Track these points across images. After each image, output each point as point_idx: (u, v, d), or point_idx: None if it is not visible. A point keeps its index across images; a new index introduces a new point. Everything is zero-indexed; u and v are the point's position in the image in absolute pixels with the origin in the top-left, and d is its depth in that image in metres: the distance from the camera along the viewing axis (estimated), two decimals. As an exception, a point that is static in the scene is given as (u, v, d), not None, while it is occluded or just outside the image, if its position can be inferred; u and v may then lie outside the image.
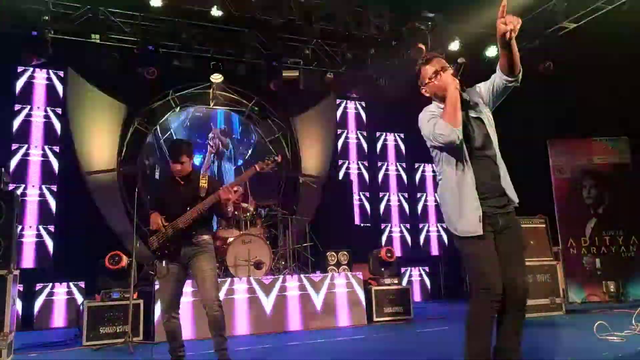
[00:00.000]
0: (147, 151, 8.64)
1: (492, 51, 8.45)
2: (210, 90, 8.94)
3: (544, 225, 6.60)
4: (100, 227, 7.57)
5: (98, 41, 7.76)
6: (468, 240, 2.58)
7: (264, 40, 8.51)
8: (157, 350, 4.32)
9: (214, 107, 9.11)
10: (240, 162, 9.28)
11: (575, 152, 7.95)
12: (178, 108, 8.83)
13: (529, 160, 8.10)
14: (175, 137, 8.90)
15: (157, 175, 8.61)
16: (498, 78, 2.66)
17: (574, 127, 8.01)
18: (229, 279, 5.79)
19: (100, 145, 8.03)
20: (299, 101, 9.43)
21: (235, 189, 3.60)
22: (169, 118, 8.86)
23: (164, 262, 3.56)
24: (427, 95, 2.82)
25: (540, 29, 8.02)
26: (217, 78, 8.52)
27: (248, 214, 7.09)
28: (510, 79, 2.60)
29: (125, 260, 5.62)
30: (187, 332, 4.66)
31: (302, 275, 6.13)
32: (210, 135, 9.17)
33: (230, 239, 6.53)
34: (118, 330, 5.27)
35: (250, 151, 9.37)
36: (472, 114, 2.70)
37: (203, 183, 3.68)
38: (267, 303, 5.79)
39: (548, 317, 5.91)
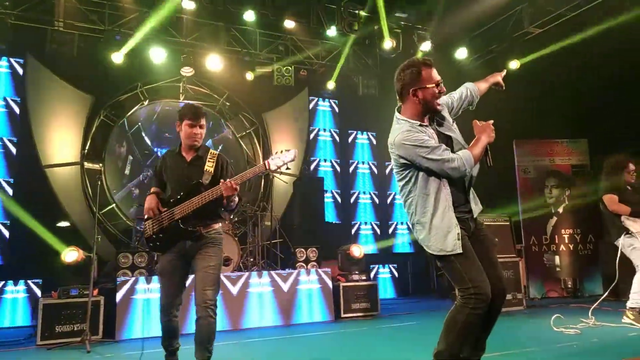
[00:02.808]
0: (117, 140, 8.46)
1: (461, 53, 8.63)
2: (181, 84, 8.80)
3: (508, 224, 6.81)
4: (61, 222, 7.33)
5: (62, 29, 7.52)
6: (450, 256, 2.60)
7: (237, 34, 8.46)
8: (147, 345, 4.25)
9: (184, 101, 8.98)
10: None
11: (538, 153, 8.23)
12: (147, 101, 8.66)
13: (498, 161, 8.34)
14: (143, 131, 8.74)
15: (127, 171, 8.44)
16: (470, 95, 3.02)
17: (539, 129, 8.27)
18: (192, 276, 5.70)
19: (62, 137, 7.74)
20: (272, 97, 9.40)
21: (235, 185, 3.11)
22: (138, 111, 8.68)
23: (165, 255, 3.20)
24: (413, 98, 2.67)
25: (508, 32, 8.24)
26: (187, 71, 8.39)
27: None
28: (477, 100, 3.08)
29: (81, 255, 5.44)
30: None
31: (270, 272, 6.13)
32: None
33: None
34: (76, 329, 5.03)
35: (220, 147, 9.29)
36: (443, 130, 2.78)
37: (209, 166, 3.22)
38: (234, 299, 5.76)
39: (510, 311, 6.11)
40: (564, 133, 8.21)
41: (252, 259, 6.94)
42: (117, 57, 7.61)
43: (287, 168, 3.30)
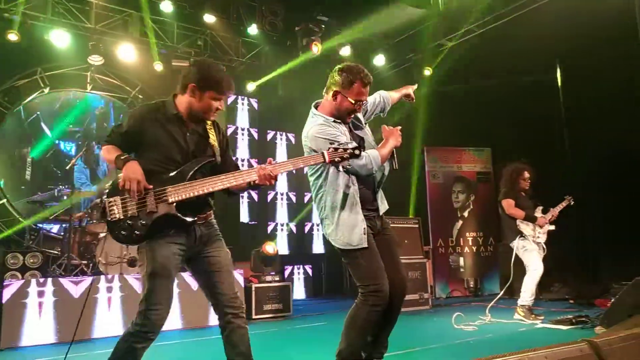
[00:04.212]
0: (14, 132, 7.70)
1: (379, 60, 8.88)
2: (88, 73, 8.22)
3: (417, 226, 7.09)
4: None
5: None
6: (356, 250, 2.67)
7: (152, 24, 8.05)
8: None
9: (91, 91, 8.39)
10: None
11: (447, 159, 8.69)
12: (47, 89, 7.98)
13: (410, 166, 8.71)
14: (42, 121, 8.05)
15: (27, 176, 7.70)
16: (383, 102, 3.10)
17: (448, 137, 8.73)
18: (91, 278, 5.32)
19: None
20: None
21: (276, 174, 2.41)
22: (37, 99, 7.97)
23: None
24: (333, 98, 2.72)
25: (423, 43, 8.61)
26: (96, 60, 7.84)
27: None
28: (388, 108, 3.17)
29: None
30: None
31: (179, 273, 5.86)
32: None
33: (102, 235, 6.08)
34: None
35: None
36: (358, 132, 2.89)
37: (213, 139, 2.54)
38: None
39: (416, 311, 6.37)
40: (470, 142, 8.75)
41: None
42: (13, 37, 6.89)
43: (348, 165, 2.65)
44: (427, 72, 8.59)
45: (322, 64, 8.59)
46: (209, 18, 7.89)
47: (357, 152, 2.46)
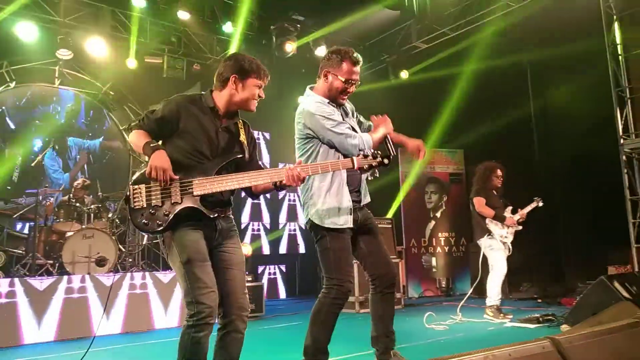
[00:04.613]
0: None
1: (354, 61, 8.89)
2: (57, 68, 7.99)
3: (390, 226, 7.15)
4: None
5: None
6: (334, 233, 2.72)
7: (124, 19, 7.88)
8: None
9: (60, 86, 8.17)
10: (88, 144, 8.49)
11: (421, 160, 8.76)
12: (14, 83, 7.73)
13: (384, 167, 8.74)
14: (8, 117, 7.80)
15: (14, 177, 7.43)
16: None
17: (421, 138, 8.81)
18: (54, 278, 5.14)
19: None
20: (161, 90, 8.90)
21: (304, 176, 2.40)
22: (2, 94, 7.71)
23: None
24: (325, 79, 2.81)
25: (398, 45, 8.69)
26: (65, 54, 7.62)
27: (93, 206, 6.52)
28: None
29: None
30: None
31: (146, 273, 5.74)
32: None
33: (69, 234, 5.93)
34: None
35: (101, 138, 8.62)
36: (348, 119, 2.96)
37: (242, 138, 2.51)
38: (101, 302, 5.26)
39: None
40: (443, 143, 8.86)
41: (130, 259, 6.50)
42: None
43: (373, 174, 2.72)
44: (404, 74, 8.66)
45: (297, 63, 8.58)
46: (183, 15, 7.77)
47: (385, 161, 2.45)
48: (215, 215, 2.34)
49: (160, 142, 2.37)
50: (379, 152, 2.48)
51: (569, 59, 6.90)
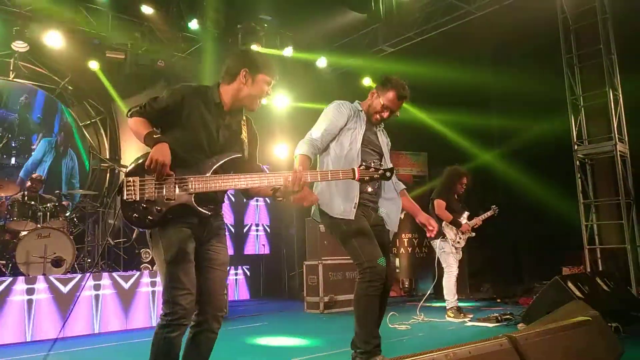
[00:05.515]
0: None
1: (321, 62, 8.92)
2: (12, 60, 7.66)
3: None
4: None
5: None
6: (346, 220, 2.89)
7: (85, 12, 7.62)
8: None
9: (15, 79, 7.84)
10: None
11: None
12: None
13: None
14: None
15: None
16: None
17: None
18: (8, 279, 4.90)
19: None
20: (124, 86, 8.67)
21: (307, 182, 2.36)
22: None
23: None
24: (371, 96, 3.09)
25: (365, 48, 8.77)
26: (21, 46, 7.32)
27: (50, 204, 6.29)
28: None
29: None
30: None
31: (104, 273, 5.57)
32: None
33: (24, 233, 5.69)
34: None
35: (58, 135, 8.32)
36: (369, 133, 3.12)
37: (244, 136, 2.45)
38: (64, 304, 5.08)
39: (351, 311, 6.41)
40: (407, 146, 9.01)
41: (89, 259, 6.30)
42: None
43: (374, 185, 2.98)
44: (367, 80, 8.76)
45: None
46: (147, 9, 7.60)
47: (388, 174, 2.42)
48: (209, 213, 2.28)
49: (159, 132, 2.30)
50: (381, 164, 2.59)
51: (528, 63, 7.16)
